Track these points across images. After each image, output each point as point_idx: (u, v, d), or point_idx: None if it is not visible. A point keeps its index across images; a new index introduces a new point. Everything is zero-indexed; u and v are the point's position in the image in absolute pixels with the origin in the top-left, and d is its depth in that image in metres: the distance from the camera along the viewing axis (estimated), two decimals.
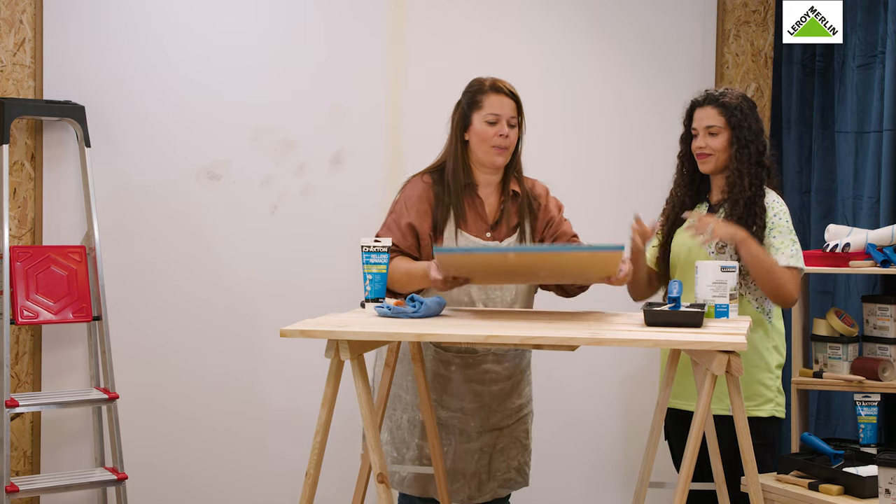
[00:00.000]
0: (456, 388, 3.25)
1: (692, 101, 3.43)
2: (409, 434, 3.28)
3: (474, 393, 3.25)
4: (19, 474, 3.98)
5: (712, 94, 3.39)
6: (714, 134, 3.36)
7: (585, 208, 4.53)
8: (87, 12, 4.06)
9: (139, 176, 4.14)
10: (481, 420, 3.26)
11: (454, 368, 3.24)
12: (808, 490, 3.29)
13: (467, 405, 3.25)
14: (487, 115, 3.17)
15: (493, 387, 3.27)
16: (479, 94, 3.21)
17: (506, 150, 3.20)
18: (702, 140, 3.38)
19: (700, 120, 3.38)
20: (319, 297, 4.17)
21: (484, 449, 3.28)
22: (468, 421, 3.25)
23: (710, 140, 3.36)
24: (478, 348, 3.23)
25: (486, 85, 3.21)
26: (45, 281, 3.90)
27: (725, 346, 2.48)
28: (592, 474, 4.57)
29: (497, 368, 3.27)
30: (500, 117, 3.18)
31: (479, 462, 3.27)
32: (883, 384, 3.85)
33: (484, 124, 3.18)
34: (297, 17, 4.28)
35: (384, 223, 3.24)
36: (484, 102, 3.19)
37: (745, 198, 3.31)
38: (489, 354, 3.26)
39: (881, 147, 4.04)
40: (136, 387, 4.10)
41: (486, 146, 3.18)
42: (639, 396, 4.50)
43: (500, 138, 3.17)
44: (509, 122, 3.19)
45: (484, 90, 3.20)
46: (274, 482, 4.29)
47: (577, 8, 4.52)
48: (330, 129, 4.31)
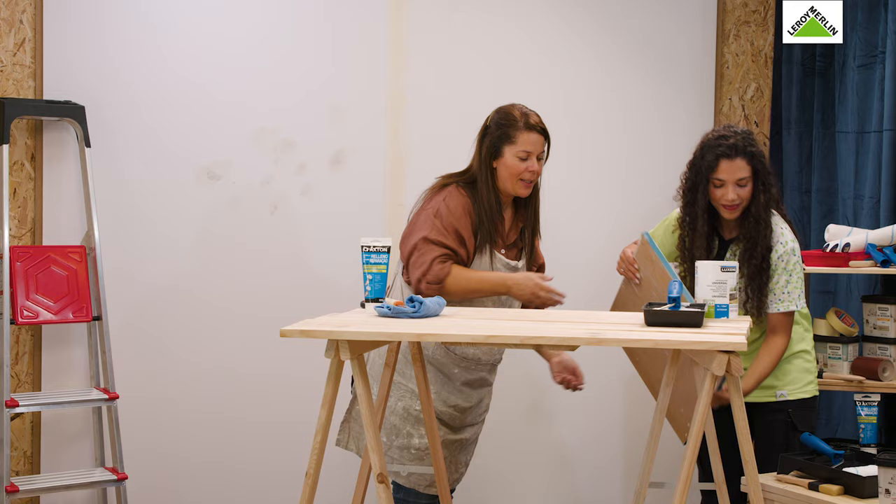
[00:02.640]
0: (454, 388, 3.37)
1: (717, 154, 3.32)
2: (401, 420, 3.38)
3: (467, 396, 3.40)
4: (19, 474, 3.98)
5: (738, 145, 3.32)
6: (743, 185, 3.33)
7: (587, 208, 4.54)
8: (87, 12, 4.06)
9: (139, 176, 4.14)
10: (465, 418, 3.42)
11: (457, 371, 3.36)
12: (808, 490, 3.28)
13: (462, 404, 3.39)
14: (520, 152, 3.26)
15: (481, 390, 3.46)
16: (512, 129, 3.28)
17: (531, 184, 3.31)
18: (732, 192, 3.32)
19: (730, 173, 3.31)
20: (319, 297, 4.16)
21: (460, 442, 3.44)
22: (456, 418, 3.40)
23: (740, 191, 3.33)
24: (482, 358, 3.35)
25: (519, 122, 3.28)
26: (45, 281, 3.90)
27: (725, 346, 2.48)
28: (592, 474, 4.56)
29: (490, 378, 3.47)
30: (531, 154, 3.27)
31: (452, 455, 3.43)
32: (883, 384, 3.85)
33: (515, 159, 3.26)
34: (297, 18, 4.28)
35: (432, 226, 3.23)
36: (518, 139, 3.26)
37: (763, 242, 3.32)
38: (488, 365, 3.40)
39: (881, 147, 4.04)
40: (136, 387, 4.10)
41: (515, 179, 3.28)
42: (639, 396, 4.50)
43: (530, 174, 3.27)
44: (538, 157, 3.29)
45: (517, 126, 3.28)
46: (274, 482, 4.29)
47: (578, 7, 4.51)
48: (330, 129, 4.31)
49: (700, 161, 3.37)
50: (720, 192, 3.34)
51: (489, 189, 3.29)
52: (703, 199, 3.36)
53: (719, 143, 3.34)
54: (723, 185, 3.33)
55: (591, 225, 4.53)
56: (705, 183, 3.35)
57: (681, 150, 4.59)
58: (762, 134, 4.66)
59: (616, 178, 4.56)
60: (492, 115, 3.34)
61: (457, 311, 3.06)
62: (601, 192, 4.54)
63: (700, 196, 3.36)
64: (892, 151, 3.99)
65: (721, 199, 3.34)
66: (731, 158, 3.31)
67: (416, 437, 3.35)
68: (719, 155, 3.32)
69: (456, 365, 3.34)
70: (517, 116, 3.30)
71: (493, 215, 3.28)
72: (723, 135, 3.36)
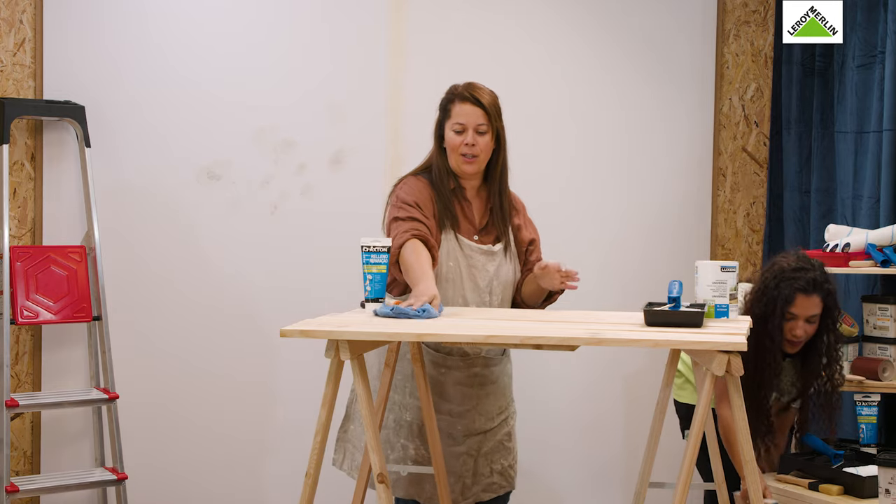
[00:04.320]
0: (446, 391, 3.23)
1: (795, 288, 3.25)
2: (394, 434, 3.25)
3: (464, 396, 3.24)
4: (19, 474, 3.98)
5: (818, 280, 3.26)
6: (813, 322, 3.29)
7: (590, 208, 4.54)
8: (87, 12, 4.06)
9: (139, 176, 4.14)
10: (468, 423, 3.25)
11: (444, 371, 3.22)
12: (808, 490, 3.29)
13: (456, 408, 3.24)
14: (454, 125, 3.18)
15: (481, 390, 3.26)
16: (448, 103, 3.22)
17: (475, 159, 3.19)
18: (801, 329, 3.28)
19: (805, 308, 3.26)
20: (319, 296, 4.16)
21: (469, 452, 3.26)
22: (455, 424, 3.24)
23: (808, 328, 3.29)
24: (469, 351, 3.21)
25: (455, 93, 3.21)
26: (45, 281, 3.90)
27: (725, 346, 2.48)
28: (592, 474, 4.57)
29: (486, 372, 3.27)
30: (466, 126, 3.17)
31: (463, 465, 3.25)
32: (883, 384, 3.85)
33: (451, 133, 3.19)
34: (297, 17, 4.28)
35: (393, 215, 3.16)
36: (452, 111, 3.20)
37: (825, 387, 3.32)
38: (479, 358, 3.24)
39: (881, 147, 4.04)
40: (136, 387, 4.10)
41: (455, 155, 3.19)
42: (639, 396, 4.50)
43: (467, 147, 3.17)
44: (477, 130, 3.17)
45: (453, 99, 3.21)
46: (274, 482, 4.29)
47: (579, 6, 4.52)
48: (330, 128, 4.31)
49: (774, 291, 3.26)
50: (787, 326, 3.27)
51: (441, 170, 3.21)
52: (779, 333, 3.26)
53: (797, 275, 3.26)
54: (793, 319, 3.27)
55: (594, 224, 4.53)
56: (780, 317, 3.25)
57: (681, 150, 4.62)
58: (762, 134, 4.67)
59: (617, 178, 4.56)
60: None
61: (457, 311, 3.06)
62: (602, 191, 4.54)
63: (774, 329, 3.25)
64: (892, 151, 3.99)
65: (787, 334, 3.28)
66: (809, 294, 3.25)
67: (412, 449, 3.23)
68: (797, 289, 3.24)
69: (441, 364, 3.21)
70: (456, 89, 3.21)
71: (447, 196, 3.19)
72: (802, 267, 3.27)
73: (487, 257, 3.22)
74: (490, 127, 3.18)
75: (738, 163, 4.66)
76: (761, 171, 4.67)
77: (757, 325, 3.25)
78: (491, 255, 3.22)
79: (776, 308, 3.25)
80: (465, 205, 3.24)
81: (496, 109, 3.20)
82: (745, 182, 4.67)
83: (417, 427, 3.21)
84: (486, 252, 3.21)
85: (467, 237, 3.22)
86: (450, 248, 3.18)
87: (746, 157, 4.67)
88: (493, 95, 3.22)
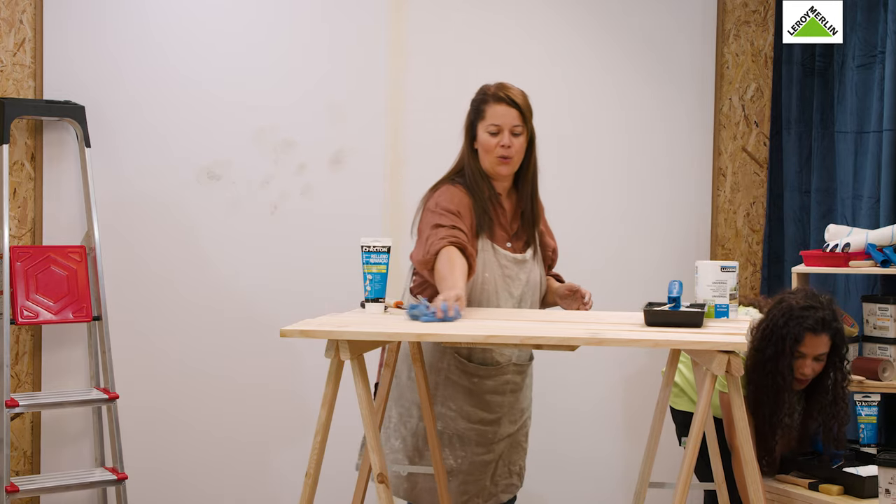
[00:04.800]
0: (479, 400, 3.19)
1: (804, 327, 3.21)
2: (423, 444, 3.21)
3: (497, 404, 3.21)
4: (19, 474, 3.98)
5: (826, 319, 3.23)
6: (820, 360, 3.28)
7: (590, 208, 4.54)
8: (87, 12, 4.05)
9: (139, 176, 4.14)
10: (498, 429, 3.23)
11: (476, 380, 3.19)
12: (808, 490, 3.29)
13: (489, 416, 3.21)
14: (489, 126, 3.13)
15: (510, 396, 3.24)
16: (482, 103, 3.16)
17: (510, 160, 3.15)
18: (809, 368, 3.27)
19: (814, 347, 3.24)
20: (319, 297, 4.16)
21: (493, 459, 3.25)
22: (486, 433, 3.21)
23: (815, 366, 3.27)
24: (500, 360, 3.18)
25: (488, 94, 3.16)
26: (45, 281, 3.90)
27: (725, 346, 2.48)
28: (592, 474, 4.57)
29: (517, 379, 3.24)
30: (502, 127, 3.12)
31: (485, 469, 3.25)
32: (883, 384, 3.85)
33: (486, 135, 3.13)
34: (296, 18, 4.28)
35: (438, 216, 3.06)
36: (486, 112, 3.14)
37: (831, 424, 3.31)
38: (510, 365, 3.21)
39: (881, 147, 4.04)
40: (135, 387, 4.10)
41: (491, 157, 3.14)
42: (639, 397, 4.50)
43: (502, 148, 3.12)
44: (512, 132, 3.13)
45: (486, 100, 3.15)
46: (274, 482, 4.29)
47: (579, 7, 4.52)
48: (330, 128, 4.31)
49: (783, 329, 3.23)
50: (796, 364, 3.25)
51: (475, 174, 3.16)
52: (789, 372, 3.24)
53: (806, 314, 3.23)
54: (801, 358, 3.25)
55: (594, 224, 4.53)
56: (790, 356, 3.23)
57: (681, 150, 4.62)
58: (762, 134, 4.67)
59: (617, 178, 4.56)
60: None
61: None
62: (602, 191, 4.54)
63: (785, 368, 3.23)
64: (892, 151, 3.98)
65: (795, 372, 3.26)
66: (818, 334, 3.23)
67: (451, 459, 3.20)
68: (806, 329, 3.22)
69: (474, 374, 3.17)
70: (489, 89, 3.16)
71: (485, 201, 3.14)
72: (811, 305, 3.24)
73: (520, 266, 3.19)
74: (525, 128, 3.15)
75: (738, 163, 4.66)
76: (761, 171, 4.67)
77: (766, 363, 3.24)
78: (523, 263, 3.20)
79: (785, 347, 3.22)
80: (500, 211, 3.20)
81: (530, 110, 3.17)
82: (745, 182, 4.67)
83: (448, 437, 3.18)
84: (519, 261, 3.19)
85: (501, 245, 3.18)
86: (486, 259, 3.14)
87: (746, 157, 4.67)
88: (525, 96, 3.18)
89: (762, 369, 3.24)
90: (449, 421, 3.18)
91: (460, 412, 3.18)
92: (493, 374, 3.18)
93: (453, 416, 3.18)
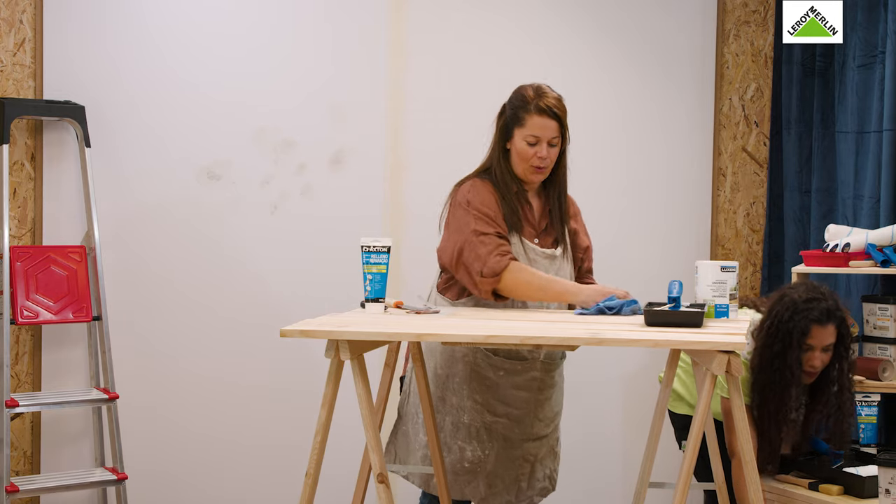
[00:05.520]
0: (503, 394, 3.19)
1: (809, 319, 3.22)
2: (450, 437, 3.21)
3: (523, 400, 3.21)
4: (19, 474, 3.98)
5: (831, 310, 3.23)
6: (828, 351, 3.27)
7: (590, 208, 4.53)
8: (87, 12, 4.06)
9: (139, 176, 4.14)
10: (526, 428, 3.22)
11: (502, 374, 3.18)
12: (808, 490, 3.29)
13: (514, 411, 3.20)
14: (528, 136, 3.12)
15: (540, 395, 3.23)
16: (522, 110, 3.14)
17: (544, 170, 3.17)
18: (818, 359, 3.26)
19: (821, 339, 3.24)
20: (319, 297, 4.16)
21: (526, 457, 3.25)
22: (513, 427, 3.21)
23: (824, 357, 3.27)
24: (526, 355, 3.18)
25: (530, 102, 3.13)
26: (45, 281, 3.90)
27: (725, 346, 2.48)
28: (593, 475, 4.56)
29: (545, 377, 3.24)
30: (541, 139, 3.12)
31: (520, 469, 3.24)
32: (883, 384, 3.85)
33: (524, 143, 3.13)
34: (297, 18, 4.28)
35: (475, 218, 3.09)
36: (526, 121, 3.12)
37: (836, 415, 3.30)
38: (537, 362, 3.20)
39: (881, 147, 4.04)
40: (136, 387, 4.10)
41: (525, 164, 3.15)
42: (639, 396, 4.50)
43: (538, 159, 3.13)
44: (550, 143, 3.14)
45: (528, 108, 3.13)
46: (274, 482, 4.29)
47: (579, 7, 4.52)
48: (330, 129, 4.31)
49: (788, 324, 3.23)
50: (805, 357, 3.25)
51: (503, 171, 3.16)
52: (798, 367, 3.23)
53: (811, 306, 3.23)
54: (809, 350, 3.25)
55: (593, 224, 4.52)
56: (797, 350, 3.22)
57: (681, 150, 4.61)
58: (762, 134, 4.67)
59: (616, 178, 4.56)
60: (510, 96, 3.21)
61: (457, 311, 3.06)
62: (601, 191, 4.54)
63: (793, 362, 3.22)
64: (892, 151, 3.98)
65: (804, 365, 3.26)
66: (824, 325, 3.23)
67: (469, 451, 3.20)
68: (812, 320, 3.22)
69: (499, 367, 3.17)
70: (529, 97, 3.13)
71: (512, 198, 3.15)
72: (813, 297, 3.24)
73: (550, 261, 3.20)
74: (561, 138, 3.17)
75: (738, 163, 4.66)
76: (761, 171, 4.67)
77: (773, 360, 3.24)
78: (553, 258, 3.21)
79: (793, 341, 3.22)
80: (527, 208, 3.21)
81: (566, 118, 3.18)
82: (745, 182, 4.67)
83: (476, 429, 3.19)
84: (549, 256, 3.20)
85: (529, 240, 3.19)
86: (517, 254, 3.14)
87: (746, 157, 4.67)
88: (562, 101, 3.18)
89: (770, 366, 3.23)
90: (475, 413, 3.19)
91: (486, 405, 3.19)
92: (518, 369, 3.18)
93: (479, 408, 3.18)
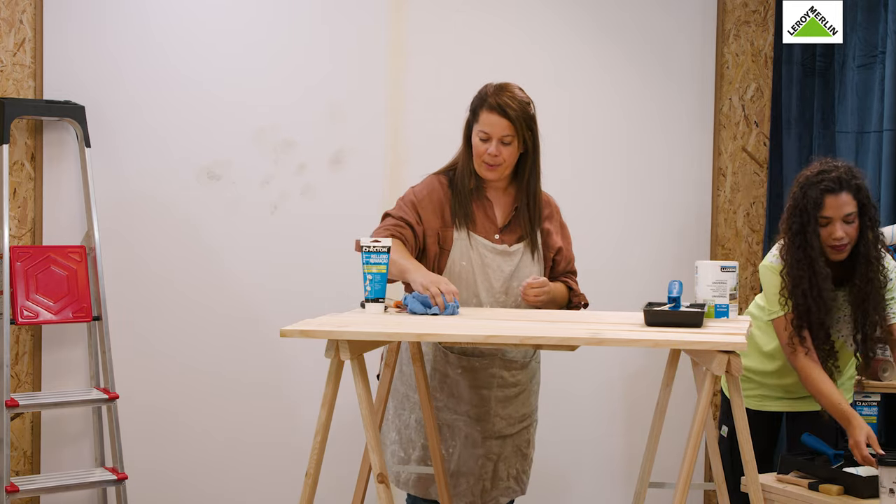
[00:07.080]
0: (462, 392, 3.22)
1: (821, 190, 3.15)
2: (416, 434, 3.26)
3: (480, 398, 3.22)
4: (19, 474, 3.98)
5: (843, 178, 3.17)
6: (850, 222, 3.18)
7: (590, 208, 4.54)
8: (87, 12, 4.06)
9: (139, 176, 4.14)
10: (487, 426, 3.24)
11: (461, 371, 3.21)
12: (808, 490, 3.28)
13: (472, 409, 3.23)
14: (480, 132, 3.15)
15: (499, 392, 3.24)
16: (478, 107, 3.17)
17: (496, 167, 3.16)
18: (840, 230, 3.17)
19: (836, 209, 3.16)
20: (319, 297, 4.16)
21: (489, 456, 3.25)
22: (473, 425, 3.23)
23: (847, 228, 3.18)
24: (485, 352, 3.20)
25: (486, 99, 3.15)
26: (45, 281, 3.90)
27: (725, 346, 2.48)
28: (593, 474, 4.56)
29: (504, 374, 3.24)
30: (491, 136, 3.13)
31: (482, 468, 3.25)
32: (883, 384, 3.85)
33: (477, 139, 3.16)
34: (296, 18, 4.28)
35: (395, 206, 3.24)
36: (480, 117, 3.15)
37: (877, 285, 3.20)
38: (496, 359, 3.22)
39: (881, 147, 4.04)
40: (135, 387, 4.10)
41: (478, 160, 3.17)
42: (639, 396, 4.50)
43: (489, 156, 3.14)
44: (502, 140, 3.13)
45: (482, 104, 3.15)
46: (274, 482, 4.29)
47: (579, 7, 4.51)
48: (330, 129, 4.31)
49: (802, 200, 3.19)
50: (826, 232, 3.18)
51: (463, 167, 3.20)
52: (816, 238, 3.17)
53: (821, 178, 3.18)
54: (829, 223, 3.18)
55: (593, 225, 4.53)
56: (814, 223, 3.17)
57: (681, 150, 4.61)
58: (762, 134, 4.67)
59: (616, 178, 4.55)
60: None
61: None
62: (601, 192, 4.54)
63: (812, 236, 3.17)
64: (892, 151, 3.98)
65: (827, 240, 3.18)
66: (836, 193, 3.16)
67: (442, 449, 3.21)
68: (823, 191, 3.16)
69: (456, 364, 3.21)
70: (488, 93, 3.14)
71: (465, 196, 3.18)
72: (824, 170, 3.20)
73: (503, 257, 3.19)
74: (516, 137, 3.14)
75: (738, 163, 4.66)
76: (761, 171, 4.67)
77: (794, 240, 3.19)
78: (507, 254, 3.20)
79: (809, 216, 3.17)
80: (486, 204, 3.22)
81: (523, 120, 3.13)
82: (745, 182, 4.67)
83: (438, 427, 3.21)
84: (501, 252, 3.19)
85: (485, 236, 3.19)
86: (462, 248, 3.16)
87: (746, 157, 4.67)
88: (522, 104, 3.14)
89: (794, 246, 3.19)
90: (437, 411, 3.21)
91: (446, 402, 3.22)
92: (476, 366, 3.20)
93: (440, 406, 3.22)
